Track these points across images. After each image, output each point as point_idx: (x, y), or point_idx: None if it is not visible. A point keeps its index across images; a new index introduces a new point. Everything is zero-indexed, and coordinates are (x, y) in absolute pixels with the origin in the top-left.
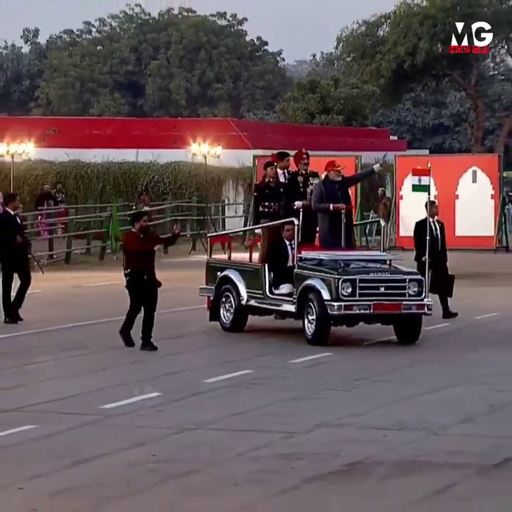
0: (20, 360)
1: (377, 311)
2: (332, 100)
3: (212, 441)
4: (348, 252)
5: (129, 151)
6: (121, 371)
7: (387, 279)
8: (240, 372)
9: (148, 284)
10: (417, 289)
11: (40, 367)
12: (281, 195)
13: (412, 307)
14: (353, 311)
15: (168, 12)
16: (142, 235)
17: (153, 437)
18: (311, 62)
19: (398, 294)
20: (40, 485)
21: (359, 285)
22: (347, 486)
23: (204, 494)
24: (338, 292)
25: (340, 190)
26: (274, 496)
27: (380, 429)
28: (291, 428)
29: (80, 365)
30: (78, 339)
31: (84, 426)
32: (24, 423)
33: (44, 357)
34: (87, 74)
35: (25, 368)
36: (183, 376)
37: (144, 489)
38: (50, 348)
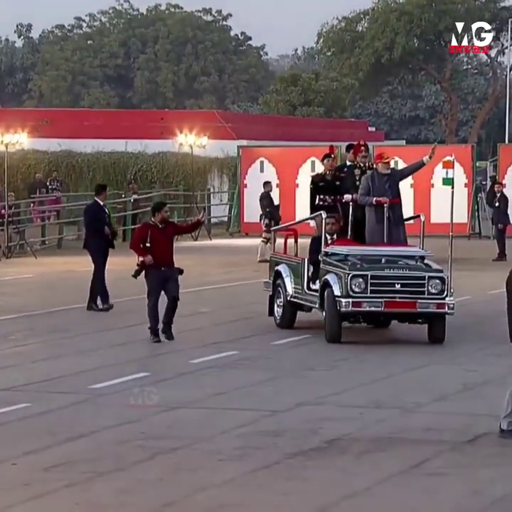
0: (12, 342)
1: (389, 308)
2: (313, 93)
3: (198, 419)
4: (379, 248)
5: (118, 142)
6: (109, 352)
7: (403, 275)
8: (225, 353)
9: (166, 275)
10: (439, 287)
11: (31, 349)
12: (338, 188)
13: (430, 306)
14: (362, 308)
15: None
16: (162, 225)
17: (141, 415)
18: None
19: (415, 291)
20: (33, 461)
21: (370, 281)
22: (326, 461)
23: (190, 470)
24: (348, 288)
25: (389, 183)
26: (257, 470)
27: (357, 408)
28: (273, 406)
29: (69, 347)
30: (68, 322)
31: (74, 404)
32: (17, 402)
33: (35, 339)
34: (78, 67)
35: (16, 350)
36: (169, 357)
37: (132, 465)
38: (41, 330)
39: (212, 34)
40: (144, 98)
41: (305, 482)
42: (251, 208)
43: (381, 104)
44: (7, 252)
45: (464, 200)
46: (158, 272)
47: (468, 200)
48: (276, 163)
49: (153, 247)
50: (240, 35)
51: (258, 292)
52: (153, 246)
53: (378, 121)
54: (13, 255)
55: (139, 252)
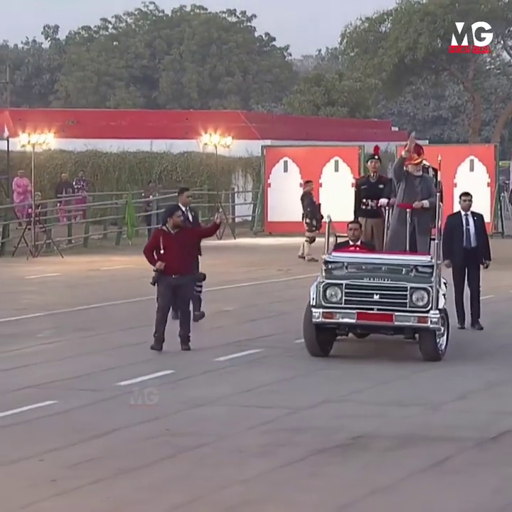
0: (38, 340)
1: (362, 320)
2: (336, 93)
3: (222, 416)
4: (381, 256)
5: (143, 142)
6: (134, 350)
7: (382, 285)
8: (249, 351)
9: (177, 283)
10: (422, 299)
11: (57, 346)
12: (382, 191)
13: (410, 319)
14: (334, 320)
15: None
16: (175, 231)
17: (167, 412)
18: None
19: (394, 303)
20: (60, 457)
21: (345, 291)
22: (349, 458)
23: (214, 466)
24: (321, 298)
25: (421, 185)
26: (281, 467)
27: (380, 405)
28: (296, 404)
29: (94, 345)
30: (93, 320)
31: (100, 402)
32: (44, 399)
33: (61, 337)
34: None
35: (43, 347)
36: (194, 355)
37: (157, 461)
38: (67, 328)
39: (237, 35)
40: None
41: (328, 479)
42: (275, 207)
43: (404, 104)
44: (34, 250)
45: (486, 199)
46: (169, 279)
47: (491, 199)
48: (300, 163)
49: (165, 253)
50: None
51: (281, 291)
52: (164, 253)
53: (401, 121)
54: (40, 254)
55: (149, 260)
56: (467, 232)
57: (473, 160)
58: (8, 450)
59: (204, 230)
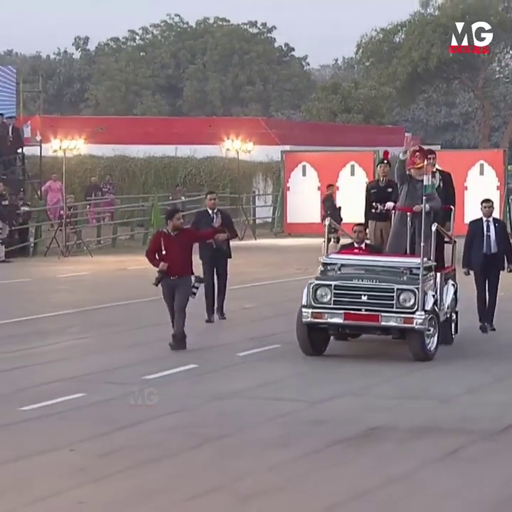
0: (69, 336)
1: (349, 321)
2: (352, 101)
3: (244, 408)
4: (376, 258)
5: (169, 147)
6: (160, 345)
7: (369, 287)
8: (268, 347)
9: (175, 284)
10: (408, 301)
11: (87, 342)
12: (390, 195)
13: (396, 320)
14: (323, 320)
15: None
16: (175, 233)
17: (190, 405)
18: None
19: (381, 304)
20: (89, 447)
21: (334, 292)
22: (365, 449)
23: (236, 456)
24: (311, 298)
25: (423, 190)
26: (299, 458)
27: (393, 399)
28: (313, 397)
29: (122, 340)
30: (121, 316)
31: (128, 395)
32: (74, 392)
33: (90, 333)
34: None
35: (73, 343)
36: (217, 350)
37: (181, 452)
38: (96, 324)
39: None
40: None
41: (345, 468)
42: (294, 210)
43: (417, 111)
44: (65, 250)
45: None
46: (168, 280)
47: (500, 202)
48: (317, 167)
49: (166, 255)
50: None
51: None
52: (165, 254)
53: (415, 127)
54: (71, 254)
55: (152, 262)
56: (487, 238)
57: (483, 164)
58: (40, 440)
59: (203, 233)
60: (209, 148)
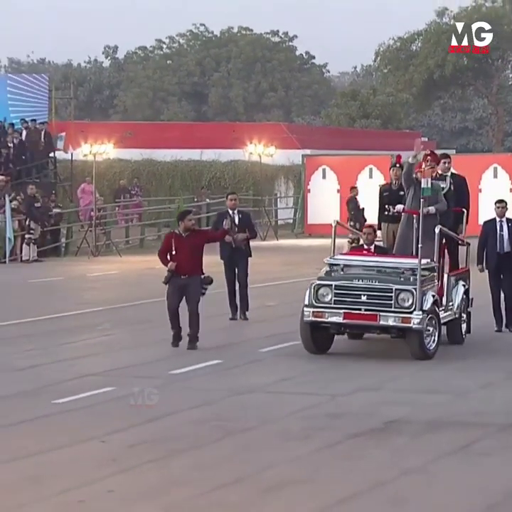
0: (99, 332)
1: (348, 320)
2: (371, 107)
3: (266, 402)
4: (377, 259)
5: (194, 151)
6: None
7: (369, 287)
8: (290, 343)
9: (185, 283)
10: (406, 301)
11: (116, 338)
12: (402, 197)
13: (394, 319)
14: (323, 319)
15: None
16: (186, 234)
17: (215, 399)
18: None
19: (380, 304)
20: (119, 439)
21: (335, 292)
22: (383, 441)
23: (259, 448)
24: (313, 298)
25: None
26: (320, 450)
27: (410, 393)
28: (333, 391)
29: (149, 336)
30: (148, 314)
31: (155, 388)
32: (104, 385)
33: (119, 329)
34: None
35: (103, 339)
36: (241, 346)
37: (206, 444)
38: (125, 321)
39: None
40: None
41: (362, 461)
42: (314, 211)
43: (433, 116)
44: (95, 250)
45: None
46: (178, 279)
47: None
48: (337, 171)
49: (176, 254)
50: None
51: None
52: (176, 254)
53: (430, 132)
54: (100, 254)
55: (162, 262)
56: (501, 237)
57: (496, 168)
58: (72, 432)
59: (214, 234)
60: (233, 152)
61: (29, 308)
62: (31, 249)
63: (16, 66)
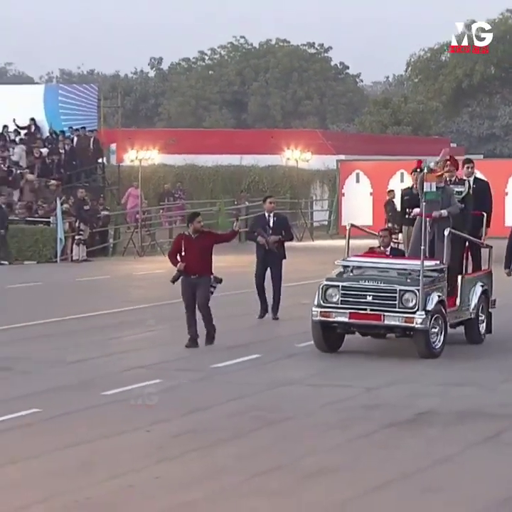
0: (145, 328)
1: (354, 320)
2: (402, 114)
3: (304, 394)
4: (385, 260)
5: (234, 157)
6: (227, 337)
7: (374, 288)
8: None
9: (195, 282)
10: (409, 301)
11: (161, 333)
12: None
13: (398, 319)
14: (330, 319)
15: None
16: (195, 235)
17: (255, 391)
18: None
19: (384, 304)
20: (164, 429)
21: (341, 292)
22: (416, 432)
23: (297, 438)
24: (321, 298)
25: (442, 196)
26: (356, 439)
27: (440, 386)
28: (368, 384)
29: None
30: None
31: (198, 381)
32: (150, 378)
33: (164, 325)
34: (200, 94)
35: (149, 334)
36: (279, 341)
37: (247, 433)
38: (169, 317)
39: (315, 64)
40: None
41: (398, 450)
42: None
43: (462, 123)
44: (141, 251)
45: None
46: (188, 279)
47: None
48: (370, 175)
49: (186, 255)
50: (339, 64)
51: None
52: (185, 255)
53: (459, 138)
54: (146, 254)
55: (172, 262)
56: None
57: None
58: (119, 422)
59: (223, 235)
60: (271, 157)
61: (78, 305)
62: (81, 249)
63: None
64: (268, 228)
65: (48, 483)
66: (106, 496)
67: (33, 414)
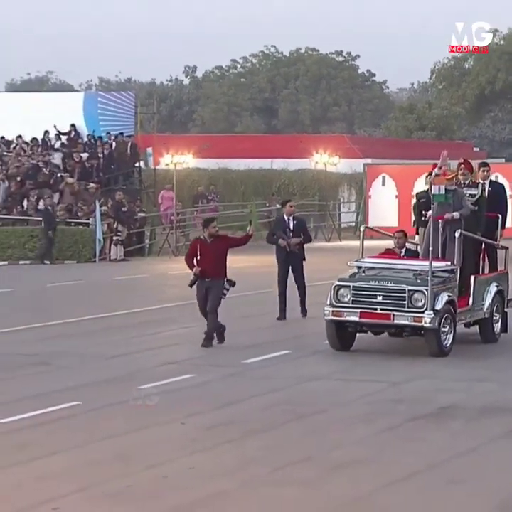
0: (178, 324)
1: (364, 319)
2: (426, 119)
3: (332, 388)
4: (400, 261)
5: (265, 161)
6: (258, 333)
7: (384, 288)
8: None
9: (208, 285)
10: (418, 301)
11: (194, 330)
12: None
13: (407, 318)
14: (342, 318)
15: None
16: (211, 240)
17: (285, 385)
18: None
19: (394, 304)
20: (198, 421)
21: (353, 292)
22: (440, 425)
23: (326, 430)
24: (333, 298)
25: (453, 198)
26: (382, 432)
27: (463, 381)
28: (393, 379)
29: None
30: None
31: (229, 376)
32: (184, 373)
33: (196, 322)
34: (233, 100)
35: (182, 331)
36: (307, 338)
37: (277, 426)
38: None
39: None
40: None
41: (422, 442)
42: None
43: (484, 128)
44: (175, 250)
45: None
46: (202, 282)
47: None
48: (395, 178)
49: (201, 259)
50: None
51: None
52: (201, 259)
53: (482, 142)
54: (180, 253)
55: (188, 265)
56: None
57: None
58: (155, 415)
59: (237, 239)
60: (300, 161)
61: (115, 303)
62: (118, 249)
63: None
64: (288, 231)
65: (86, 473)
66: (142, 486)
67: (73, 407)
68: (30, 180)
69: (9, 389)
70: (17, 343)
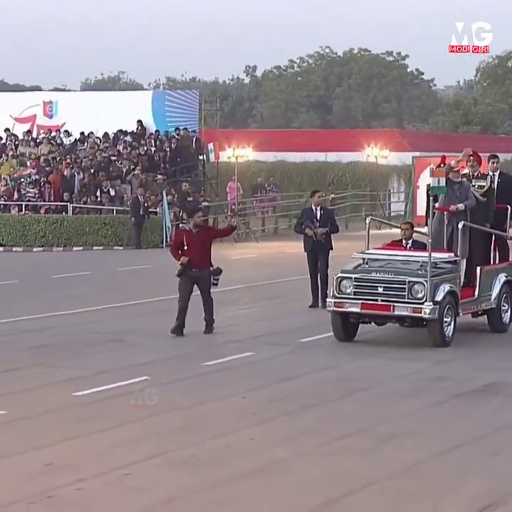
0: (240, 306)
1: (365, 310)
2: (472, 115)
3: (381, 366)
4: (402, 252)
5: (320, 154)
6: (312, 315)
7: (385, 279)
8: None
9: (197, 275)
10: (418, 292)
11: (254, 311)
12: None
13: (407, 309)
14: (344, 309)
15: (350, 51)
16: (196, 230)
17: (338, 363)
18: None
19: (395, 295)
20: (258, 395)
21: (354, 284)
22: (482, 401)
23: (376, 405)
24: (335, 289)
25: (460, 190)
26: (428, 407)
27: (502, 361)
28: (436, 358)
29: (282, 310)
30: (281, 290)
31: (287, 354)
32: (244, 351)
33: (256, 303)
34: (290, 98)
35: (243, 312)
36: None
37: (333, 400)
38: (261, 297)
39: (393, 71)
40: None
41: (464, 418)
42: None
43: None
44: (236, 237)
45: None
46: (189, 272)
47: None
48: None
49: (188, 249)
50: (415, 71)
51: None
52: (187, 249)
53: None
54: (241, 240)
55: (174, 256)
56: None
57: None
58: (218, 389)
59: (220, 230)
60: (353, 154)
61: None
62: None
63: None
64: (315, 221)
65: (156, 442)
66: (207, 454)
67: (142, 381)
68: (102, 172)
69: (84, 365)
70: (93, 322)
